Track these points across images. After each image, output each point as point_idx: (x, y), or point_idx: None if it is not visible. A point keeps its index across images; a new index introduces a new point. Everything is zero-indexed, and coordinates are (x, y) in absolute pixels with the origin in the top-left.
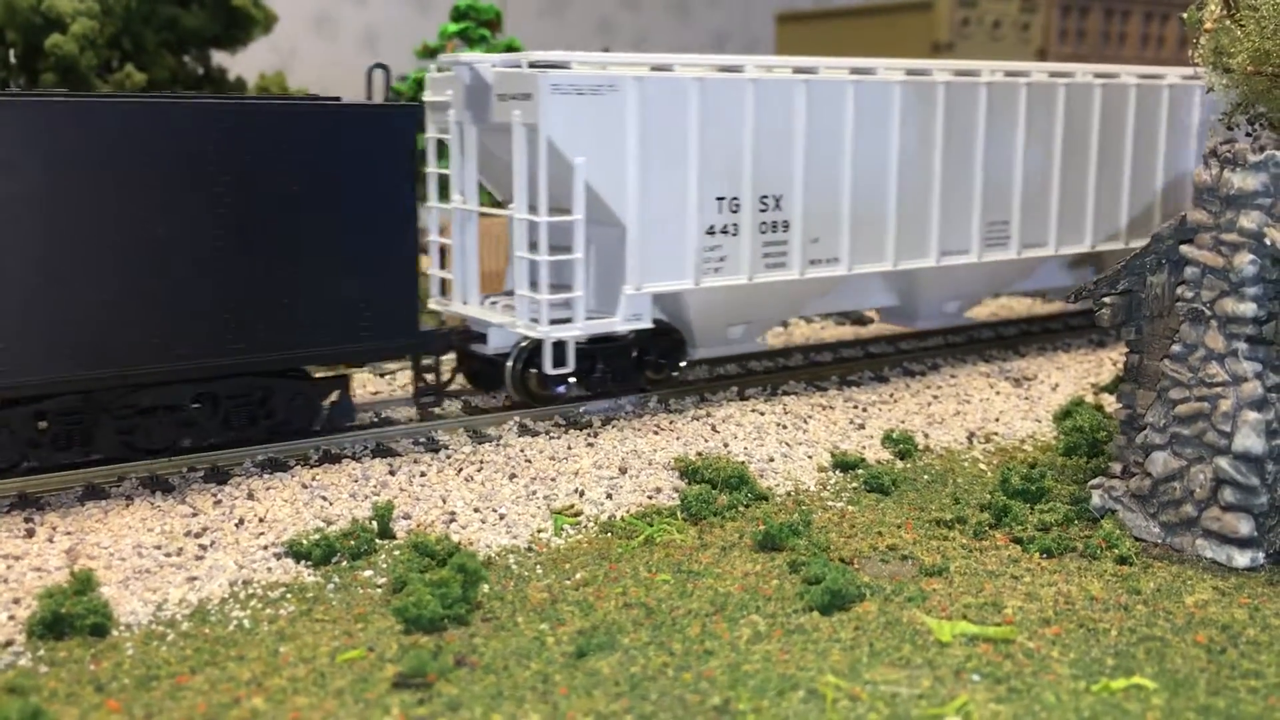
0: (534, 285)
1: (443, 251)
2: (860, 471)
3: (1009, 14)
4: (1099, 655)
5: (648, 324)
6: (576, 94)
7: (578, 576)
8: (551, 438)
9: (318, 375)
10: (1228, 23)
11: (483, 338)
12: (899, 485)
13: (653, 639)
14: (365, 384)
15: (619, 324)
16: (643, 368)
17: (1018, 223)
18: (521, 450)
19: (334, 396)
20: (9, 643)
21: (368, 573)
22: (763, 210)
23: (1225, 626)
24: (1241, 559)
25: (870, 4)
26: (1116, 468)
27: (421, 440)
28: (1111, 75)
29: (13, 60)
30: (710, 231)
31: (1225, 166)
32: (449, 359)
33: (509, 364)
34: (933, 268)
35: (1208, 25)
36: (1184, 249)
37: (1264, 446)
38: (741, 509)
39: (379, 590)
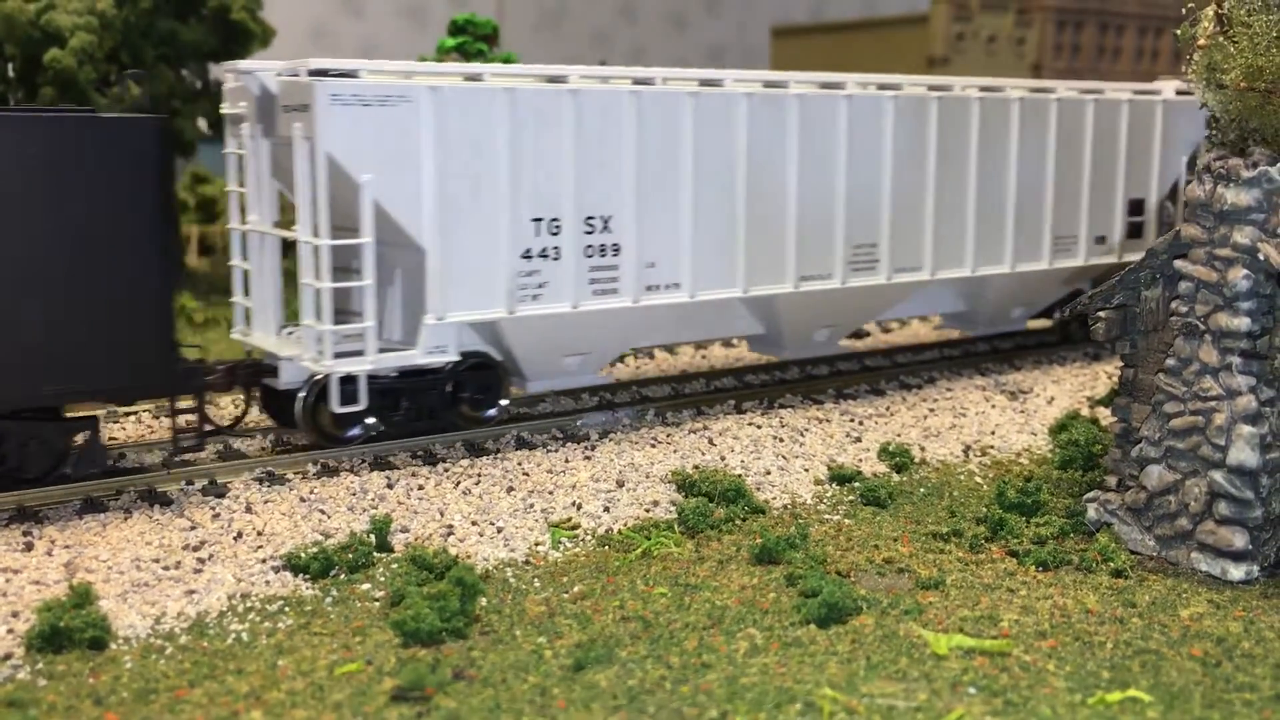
0: (319, 314)
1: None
2: (857, 484)
3: (1004, 28)
4: (1095, 668)
5: (454, 356)
6: (361, 105)
7: (575, 590)
8: (549, 451)
9: (68, 416)
10: (1221, 39)
11: (290, 370)
12: (895, 498)
13: (650, 652)
14: None
15: (419, 357)
16: (458, 404)
17: (888, 246)
18: (519, 463)
19: (80, 439)
20: (8, 656)
21: (366, 586)
22: (589, 232)
23: (1220, 639)
24: (1236, 572)
25: (866, 18)
26: (1112, 481)
27: (419, 454)
28: (995, 89)
29: (11, 74)
30: (527, 255)
31: (1219, 182)
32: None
33: (299, 399)
34: (792, 293)
35: (1201, 42)
36: (1178, 264)
37: (1258, 460)
38: (738, 522)
39: (377, 603)
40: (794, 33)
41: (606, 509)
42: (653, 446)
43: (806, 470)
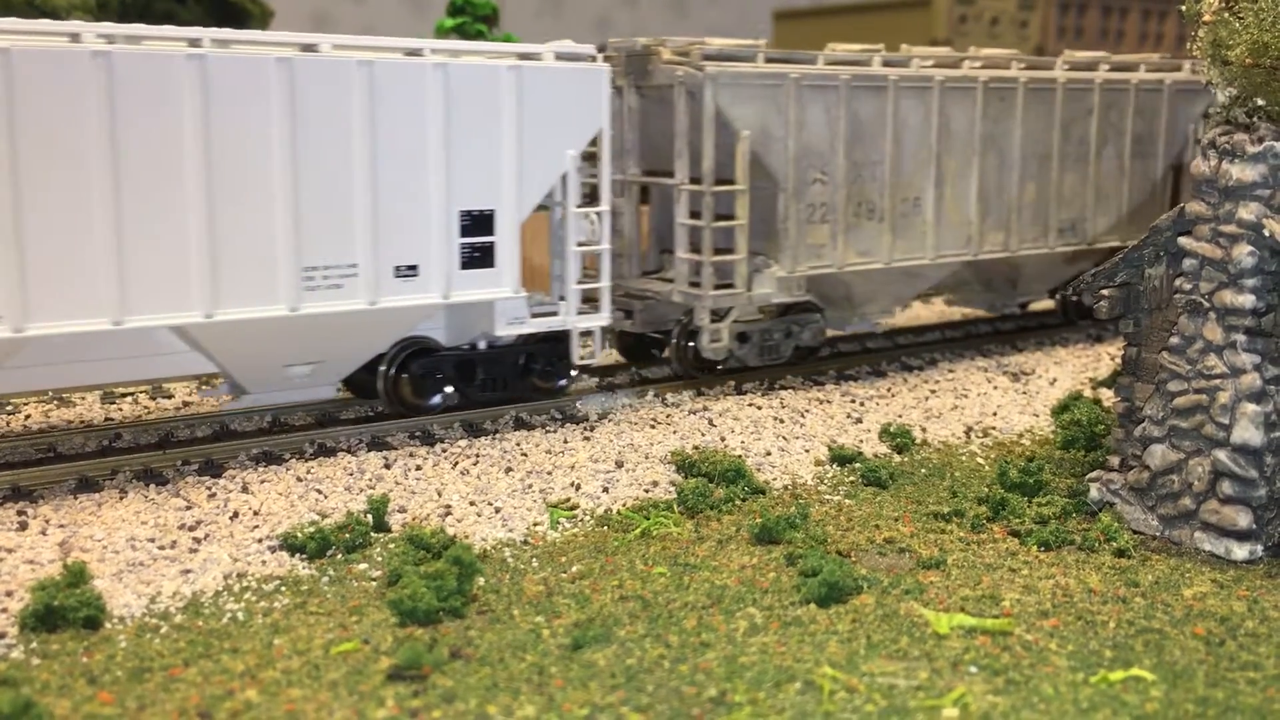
0: None
1: None
2: (858, 465)
3: (1007, 11)
4: (1097, 647)
5: None
6: None
7: (574, 569)
8: (548, 431)
9: None
10: (1226, 15)
11: None
12: (896, 479)
13: (649, 631)
14: None
15: None
16: None
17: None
18: (517, 444)
19: None
20: (1, 635)
21: (362, 566)
22: None
23: (1224, 619)
24: (1240, 551)
25: (869, 1)
26: (1114, 461)
27: (417, 434)
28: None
29: None
30: None
31: (1224, 158)
32: None
33: None
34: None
35: (1206, 17)
36: (1182, 241)
37: (1262, 439)
38: (738, 502)
39: (374, 583)
40: (795, 16)
41: (605, 489)
42: (652, 427)
43: (807, 451)
